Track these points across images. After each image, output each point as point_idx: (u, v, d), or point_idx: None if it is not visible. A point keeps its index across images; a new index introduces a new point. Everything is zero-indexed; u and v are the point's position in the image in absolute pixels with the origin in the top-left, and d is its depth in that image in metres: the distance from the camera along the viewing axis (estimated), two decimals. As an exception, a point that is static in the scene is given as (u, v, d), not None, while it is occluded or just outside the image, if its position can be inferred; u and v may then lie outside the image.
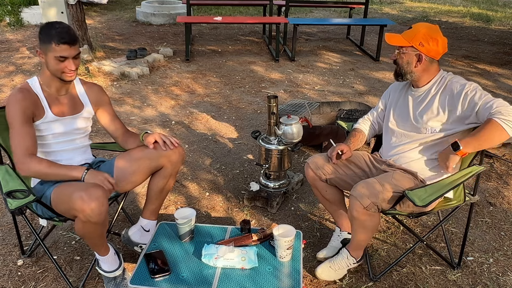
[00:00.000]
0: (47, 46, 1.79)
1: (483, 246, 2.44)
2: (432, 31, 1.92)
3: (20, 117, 1.80)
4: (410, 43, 1.92)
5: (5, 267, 2.21)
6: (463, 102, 1.86)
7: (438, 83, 1.98)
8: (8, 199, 1.77)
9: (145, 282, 1.74)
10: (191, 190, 2.94)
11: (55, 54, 1.79)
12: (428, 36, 1.90)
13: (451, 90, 1.92)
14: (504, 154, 3.45)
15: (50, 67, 1.84)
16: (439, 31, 1.94)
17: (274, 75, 5.46)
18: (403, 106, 2.11)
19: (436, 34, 1.92)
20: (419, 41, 1.91)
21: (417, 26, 1.95)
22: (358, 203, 1.86)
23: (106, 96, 2.16)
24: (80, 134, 2.07)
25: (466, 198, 2.05)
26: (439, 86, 1.97)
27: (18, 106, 1.81)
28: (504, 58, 6.55)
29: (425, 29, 1.92)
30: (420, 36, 1.90)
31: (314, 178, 2.20)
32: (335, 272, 2.12)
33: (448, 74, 2.00)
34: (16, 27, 7.48)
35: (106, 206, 1.73)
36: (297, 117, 2.62)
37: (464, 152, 1.85)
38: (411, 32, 1.94)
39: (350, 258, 2.10)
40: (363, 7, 7.17)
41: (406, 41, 1.93)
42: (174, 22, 8.31)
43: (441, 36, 1.93)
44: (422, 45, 1.91)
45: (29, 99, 1.84)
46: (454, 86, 1.92)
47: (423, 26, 1.94)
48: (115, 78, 5.07)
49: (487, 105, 1.80)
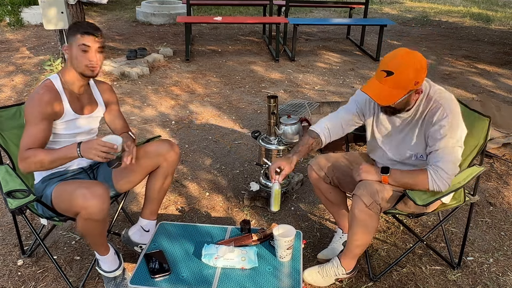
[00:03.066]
0: (73, 38, 1.85)
1: (483, 246, 2.44)
2: (415, 65, 1.71)
3: (38, 118, 1.81)
4: (406, 90, 1.72)
5: (5, 267, 2.21)
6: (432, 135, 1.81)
7: (422, 106, 1.85)
8: (8, 199, 1.76)
9: (145, 282, 1.74)
10: (191, 190, 2.94)
11: (79, 43, 1.83)
12: (416, 74, 1.70)
13: (432, 115, 1.81)
14: (504, 154, 3.45)
15: (74, 60, 1.86)
16: (415, 53, 1.74)
17: (274, 75, 5.46)
18: (387, 126, 1.99)
19: (418, 62, 1.72)
20: (413, 82, 1.71)
21: (398, 68, 1.69)
22: (361, 202, 1.85)
23: (114, 94, 2.18)
24: (90, 134, 2.08)
25: (466, 198, 2.05)
26: (424, 109, 1.85)
27: (39, 107, 1.82)
28: (504, 58, 6.55)
29: (411, 70, 1.69)
30: (411, 78, 1.70)
31: (317, 180, 2.18)
32: (322, 278, 2.08)
33: (431, 88, 1.85)
34: (16, 27, 7.48)
35: (108, 203, 1.74)
36: (297, 117, 2.62)
37: (387, 180, 1.87)
38: (398, 78, 1.69)
39: (340, 267, 2.06)
40: (363, 7, 7.17)
41: (400, 90, 1.72)
42: (174, 22, 8.31)
43: (419, 56, 1.74)
44: (417, 82, 1.72)
45: (52, 99, 1.86)
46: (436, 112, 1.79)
47: (404, 66, 1.69)
48: (115, 78, 5.07)
49: (435, 154, 1.80)
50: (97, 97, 2.08)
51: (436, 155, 1.80)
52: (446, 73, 5.72)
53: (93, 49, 1.85)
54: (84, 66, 1.86)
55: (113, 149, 1.76)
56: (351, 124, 2.09)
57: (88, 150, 1.74)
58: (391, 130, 1.99)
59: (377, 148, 2.08)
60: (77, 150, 1.75)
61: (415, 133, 1.90)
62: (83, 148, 1.74)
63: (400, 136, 1.96)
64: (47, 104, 1.83)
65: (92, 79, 2.09)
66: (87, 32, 1.83)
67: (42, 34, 7.05)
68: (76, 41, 1.84)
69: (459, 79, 5.51)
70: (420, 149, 1.91)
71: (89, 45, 1.83)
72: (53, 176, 1.98)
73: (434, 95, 1.83)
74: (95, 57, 1.86)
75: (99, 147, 1.73)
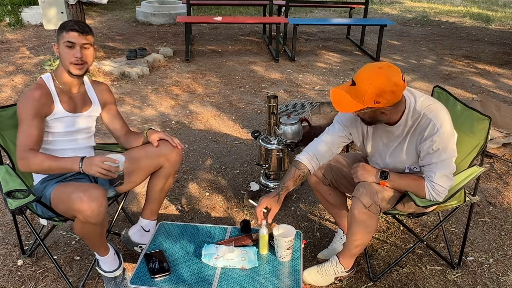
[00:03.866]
0: (60, 36, 1.86)
1: (483, 246, 2.44)
2: (379, 84, 1.62)
3: (31, 115, 1.82)
4: (364, 105, 1.65)
5: (5, 267, 2.21)
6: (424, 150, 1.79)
7: (410, 119, 1.80)
8: (8, 199, 1.76)
9: (145, 282, 1.73)
10: (191, 190, 2.94)
11: (64, 40, 1.84)
12: (378, 93, 1.62)
13: (422, 130, 1.77)
14: (504, 154, 3.45)
15: (61, 58, 1.88)
16: (389, 74, 1.63)
17: (274, 75, 5.46)
18: (377, 139, 1.96)
19: (388, 83, 1.62)
20: (372, 100, 1.63)
21: (360, 81, 1.64)
22: (360, 203, 1.85)
23: (112, 95, 2.17)
24: (86, 134, 2.08)
25: (466, 198, 2.05)
26: (412, 123, 1.80)
27: (31, 103, 1.84)
28: (504, 58, 6.55)
29: (371, 87, 1.61)
30: (370, 96, 1.62)
31: (316, 183, 2.18)
32: (322, 278, 2.08)
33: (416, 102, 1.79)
34: (16, 27, 7.48)
35: (105, 206, 1.73)
36: (297, 117, 2.62)
37: (385, 184, 1.87)
38: (357, 91, 1.64)
39: (339, 265, 2.06)
40: (363, 7, 7.17)
41: (359, 103, 1.65)
42: (174, 22, 8.31)
43: (394, 78, 1.63)
44: (378, 102, 1.64)
45: (43, 97, 1.87)
46: (426, 127, 1.76)
47: (367, 81, 1.62)
48: (115, 78, 5.07)
49: (431, 171, 1.80)
50: (92, 97, 2.08)
51: (430, 170, 1.80)
52: (446, 73, 5.72)
53: (78, 45, 1.85)
54: (69, 64, 1.87)
55: (115, 168, 1.76)
56: (339, 146, 2.03)
57: (90, 166, 1.75)
58: (380, 146, 1.95)
59: (370, 162, 2.07)
60: (80, 165, 1.76)
61: (404, 148, 1.86)
62: (86, 163, 1.76)
63: (390, 150, 1.92)
64: (37, 101, 1.85)
65: (88, 79, 2.09)
66: (72, 29, 1.84)
67: (42, 34, 7.05)
68: (62, 39, 1.85)
69: (459, 79, 5.51)
70: (411, 162, 1.89)
71: (73, 41, 1.84)
72: (52, 177, 1.98)
73: (422, 109, 1.77)
74: (79, 53, 1.86)
75: (101, 164, 1.74)
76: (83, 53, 1.87)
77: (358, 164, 1.97)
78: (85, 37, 1.87)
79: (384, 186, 1.88)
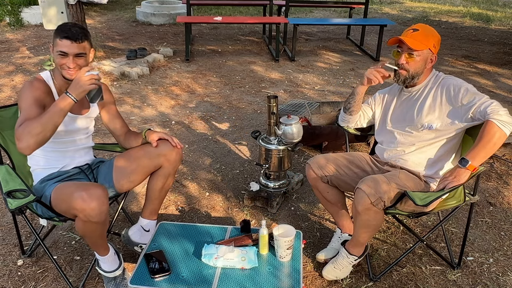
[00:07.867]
0: (54, 40, 1.84)
1: (483, 246, 2.44)
2: (436, 34, 2.00)
3: (30, 101, 1.81)
4: (427, 46, 1.96)
5: (5, 267, 2.21)
6: (462, 98, 1.91)
7: (432, 81, 2.04)
8: (8, 199, 1.76)
9: (145, 282, 1.74)
10: (191, 190, 2.94)
11: (57, 48, 1.82)
12: (438, 39, 1.99)
13: (448, 87, 1.97)
14: (504, 154, 3.45)
15: (55, 61, 1.87)
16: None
17: (274, 75, 5.46)
18: (398, 108, 2.14)
19: (438, 37, 2.00)
20: (432, 44, 1.96)
21: (424, 28, 1.98)
22: (366, 198, 1.85)
23: (111, 95, 2.17)
24: (84, 134, 2.08)
25: (466, 198, 2.05)
26: (433, 83, 2.03)
27: (31, 92, 1.83)
28: (504, 58, 6.55)
29: (435, 32, 1.99)
30: (434, 39, 1.97)
31: (315, 179, 2.19)
32: (340, 271, 2.12)
33: (440, 73, 2.07)
34: (16, 27, 7.48)
35: (106, 205, 1.73)
36: (297, 117, 2.62)
37: (474, 166, 1.83)
38: (421, 35, 1.96)
39: (350, 256, 2.09)
40: (363, 7, 7.17)
41: (423, 44, 1.95)
42: (174, 22, 8.31)
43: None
44: (435, 47, 1.98)
45: (43, 88, 1.87)
46: (450, 82, 1.98)
47: (430, 28, 2.00)
48: (115, 78, 5.07)
49: (482, 106, 1.85)
50: None
51: (482, 107, 1.86)
52: (446, 73, 5.70)
53: (71, 55, 1.82)
54: (62, 70, 1.86)
55: (96, 76, 1.75)
56: (365, 117, 2.30)
57: (76, 86, 1.72)
58: (399, 111, 2.12)
59: (387, 133, 2.17)
60: (67, 94, 1.72)
61: (425, 104, 2.01)
62: (72, 88, 1.73)
63: (410, 112, 2.06)
64: (37, 89, 1.84)
65: None
66: (65, 37, 1.80)
67: (42, 34, 7.05)
68: (56, 46, 1.83)
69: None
70: (432, 118, 1.99)
71: (65, 51, 1.81)
72: (51, 177, 1.98)
73: (441, 76, 2.05)
74: (72, 63, 1.83)
75: (83, 77, 1.72)
76: (76, 62, 1.84)
77: (359, 165, 2.13)
78: (78, 45, 1.82)
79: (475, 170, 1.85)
